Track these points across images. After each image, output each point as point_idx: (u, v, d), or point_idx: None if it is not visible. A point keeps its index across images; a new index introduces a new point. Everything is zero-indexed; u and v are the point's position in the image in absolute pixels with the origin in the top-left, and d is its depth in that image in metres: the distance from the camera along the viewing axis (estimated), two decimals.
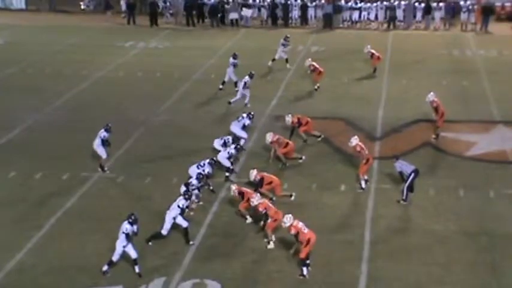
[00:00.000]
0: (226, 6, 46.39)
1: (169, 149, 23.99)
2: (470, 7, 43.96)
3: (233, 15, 45.62)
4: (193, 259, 17.25)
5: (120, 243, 16.54)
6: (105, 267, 16.53)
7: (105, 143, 21.82)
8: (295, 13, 46.32)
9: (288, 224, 16.63)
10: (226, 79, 30.13)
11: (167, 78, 32.84)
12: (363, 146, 21.31)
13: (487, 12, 43.37)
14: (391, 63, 35.01)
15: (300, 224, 16.61)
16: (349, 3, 45.66)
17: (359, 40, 37.83)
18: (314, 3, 46.16)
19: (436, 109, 24.62)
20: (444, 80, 32.20)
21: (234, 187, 19.03)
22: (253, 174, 20.02)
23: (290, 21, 46.18)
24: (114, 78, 33.25)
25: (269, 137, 22.52)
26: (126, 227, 16.55)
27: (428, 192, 20.70)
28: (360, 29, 44.08)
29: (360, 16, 45.35)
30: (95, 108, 28.18)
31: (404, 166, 20.36)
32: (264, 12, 46.48)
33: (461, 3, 44.37)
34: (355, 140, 21.38)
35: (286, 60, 34.53)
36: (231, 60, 30.22)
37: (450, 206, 19.75)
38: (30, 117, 27.23)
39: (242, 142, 23.44)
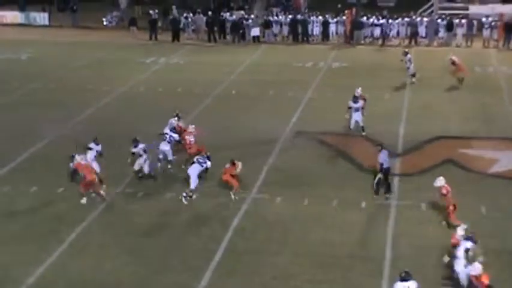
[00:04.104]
0: (245, 22, 46.59)
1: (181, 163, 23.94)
2: (492, 23, 43.80)
3: (255, 32, 45.79)
4: (214, 275, 17.21)
5: None
6: None
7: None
8: (317, 29, 46.40)
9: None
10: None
11: (188, 94, 32.98)
12: (449, 188, 19.33)
13: (510, 29, 43.18)
14: (412, 80, 34.88)
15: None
16: (371, 20, 45.66)
17: (380, 56, 37.77)
18: (335, 20, 46.22)
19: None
20: (466, 96, 32.04)
21: None
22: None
23: (311, 37, 46.25)
24: (135, 94, 33.45)
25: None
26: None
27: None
28: (381, 46, 43.99)
29: (382, 32, 45.27)
30: (115, 124, 28.34)
31: (385, 160, 20.81)
32: (285, 29, 46.60)
33: (484, 19, 44.22)
34: (440, 182, 19.41)
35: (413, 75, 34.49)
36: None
37: (472, 223, 19.56)
38: (53, 131, 27.42)
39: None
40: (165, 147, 23.36)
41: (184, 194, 21.24)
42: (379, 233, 19.16)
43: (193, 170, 21.33)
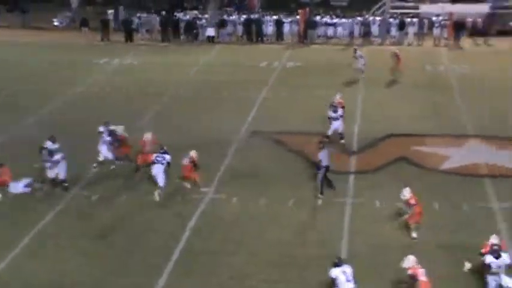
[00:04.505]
0: (198, 22, 46.55)
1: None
2: (442, 22, 44.46)
3: (210, 32, 45.75)
4: (171, 275, 17.21)
5: None
6: None
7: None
8: (271, 29, 46.56)
9: None
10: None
11: (143, 95, 32.81)
12: (415, 197, 18.93)
13: (459, 28, 43.92)
14: (366, 79, 35.25)
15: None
16: (324, 19, 45.99)
17: (334, 56, 38.07)
18: (289, 19, 46.46)
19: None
20: (418, 94, 32.49)
21: None
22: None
23: (265, 37, 46.39)
24: (89, 95, 33.15)
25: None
26: None
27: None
28: (335, 45, 44.30)
29: (335, 32, 45.67)
30: (69, 125, 28.05)
31: (325, 158, 21.04)
32: (239, 29, 46.66)
33: (434, 18, 44.87)
34: (406, 192, 18.89)
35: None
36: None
37: (426, 220, 19.86)
38: (3, 134, 27.05)
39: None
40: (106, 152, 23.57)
41: (157, 191, 21.40)
42: (335, 232, 19.34)
43: (157, 169, 21.43)
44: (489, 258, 15.89)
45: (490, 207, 20.74)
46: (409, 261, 15.53)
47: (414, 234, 18.47)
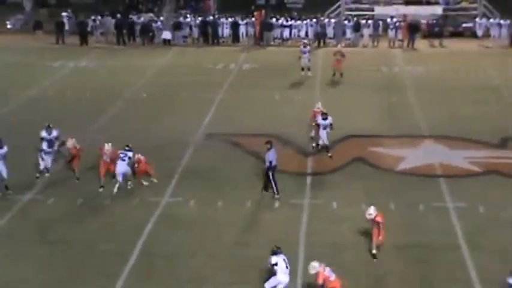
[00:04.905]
0: (154, 24, 46.32)
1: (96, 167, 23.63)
2: (397, 24, 44.95)
3: (166, 35, 45.53)
4: (129, 279, 17.05)
5: None
6: None
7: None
8: (227, 31, 46.53)
9: None
10: None
11: (98, 98, 32.51)
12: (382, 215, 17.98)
13: (413, 30, 44.45)
14: (322, 80, 35.49)
15: (327, 271, 15.55)
16: (280, 21, 46.14)
17: (290, 57, 38.19)
18: (245, 21, 46.50)
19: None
20: (373, 96, 32.77)
21: None
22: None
23: (221, 39, 46.34)
24: (43, 99, 32.75)
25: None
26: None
27: (360, 206, 20.96)
28: (290, 47, 44.45)
29: (290, 34, 45.87)
30: (23, 130, 27.62)
31: (273, 158, 21.18)
32: (195, 31, 46.52)
33: (388, 20, 45.35)
34: (374, 211, 17.84)
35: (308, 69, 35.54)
36: None
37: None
38: None
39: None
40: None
41: (117, 185, 21.73)
42: (293, 233, 19.37)
43: (120, 167, 21.59)
44: None
45: (445, 207, 20.98)
46: (314, 268, 15.36)
47: (374, 251, 17.74)
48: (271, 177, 21.51)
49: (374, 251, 17.68)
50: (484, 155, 25.19)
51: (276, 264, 15.76)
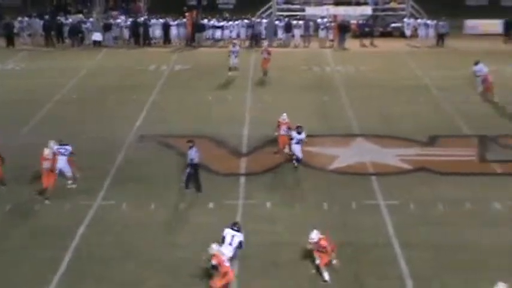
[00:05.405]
0: (83, 26, 45.68)
1: (26, 170, 23.17)
2: (327, 24, 45.39)
3: (96, 36, 44.91)
4: (61, 285, 16.77)
5: None
6: None
7: None
8: (158, 32, 46.20)
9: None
10: None
11: (27, 101, 31.84)
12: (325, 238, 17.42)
13: (343, 30, 44.98)
14: (254, 81, 35.59)
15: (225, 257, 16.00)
16: (212, 22, 46.06)
17: (222, 58, 38.16)
18: (176, 22, 46.26)
19: None
20: (306, 95, 33.00)
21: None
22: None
23: (153, 40, 45.98)
24: None
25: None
26: None
27: (294, 206, 21.12)
28: (222, 47, 44.41)
29: (222, 34, 45.82)
30: None
31: (195, 156, 21.46)
32: (126, 32, 46.02)
33: (319, 20, 45.78)
34: (316, 235, 17.30)
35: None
36: None
37: (316, 219, 20.19)
38: None
39: None
40: None
41: (69, 182, 22.04)
42: None
43: (62, 163, 21.63)
44: None
45: (377, 205, 21.28)
46: (212, 250, 16.00)
47: (326, 277, 17.00)
48: (187, 173, 21.72)
49: (326, 278, 16.94)
50: (414, 152, 25.65)
51: (224, 237, 16.94)
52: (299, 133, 23.72)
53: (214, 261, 15.86)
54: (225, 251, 16.44)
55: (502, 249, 18.47)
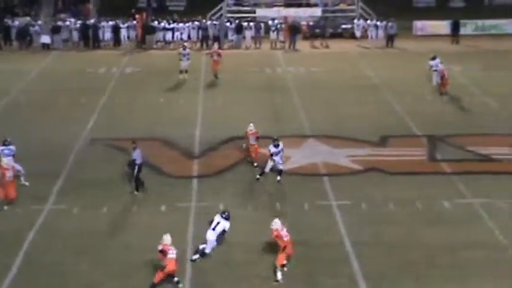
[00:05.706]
0: (32, 28, 45.04)
1: None
2: (278, 26, 45.56)
3: (45, 39, 44.32)
4: None
5: None
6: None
7: None
8: (108, 34, 45.80)
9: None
10: None
11: None
12: (281, 232, 17.58)
13: (294, 31, 45.20)
14: (205, 83, 35.53)
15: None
16: (162, 24, 45.84)
17: (173, 60, 38.01)
18: (126, 24, 45.93)
19: None
20: (257, 97, 33.07)
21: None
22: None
23: (103, 43, 45.57)
24: None
25: None
26: None
27: (247, 208, 21.15)
28: (173, 49, 44.21)
29: (173, 36, 45.63)
30: None
31: (138, 156, 21.85)
32: (75, 35, 45.49)
33: (270, 22, 45.90)
34: (276, 224, 17.70)
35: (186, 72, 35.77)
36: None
37: (268, 220, 20.21)
38: None
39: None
40: None
41: (22, 178, 22.16)
42: (180, 236, 19.22)
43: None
44: None
45: (329, 205, 21.44)
46: (163, 240, 16.79)
47: (279, 276, 17.01)
48: (134, 174, 21.90)
49: (279, 278, 16.97)
50: (365, 153, 25.90)
51: (212, 221, 18.09)
52: (276, 146, 23.11)
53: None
54: (208, 235, 17.87)
55: (452, 247, 18.76)
